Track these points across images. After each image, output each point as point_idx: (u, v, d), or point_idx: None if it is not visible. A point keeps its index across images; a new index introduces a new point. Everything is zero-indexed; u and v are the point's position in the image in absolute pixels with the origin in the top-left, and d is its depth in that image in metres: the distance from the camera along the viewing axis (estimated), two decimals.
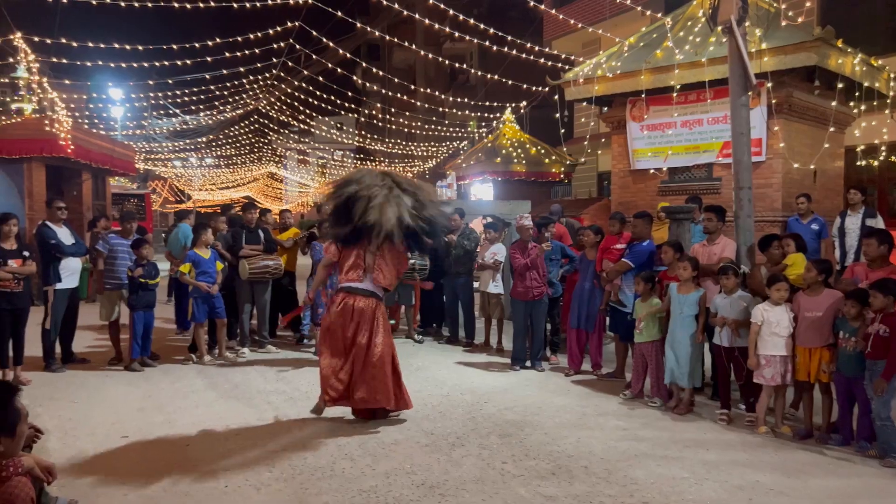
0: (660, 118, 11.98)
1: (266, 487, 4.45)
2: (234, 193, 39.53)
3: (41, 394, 6.71)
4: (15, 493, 3.10)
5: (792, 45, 9.99)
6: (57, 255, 7.64)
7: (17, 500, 3.09)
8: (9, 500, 3.05)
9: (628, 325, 6.87)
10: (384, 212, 5.66)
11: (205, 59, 13.96)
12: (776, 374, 5.51)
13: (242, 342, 8.69)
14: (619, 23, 18.75)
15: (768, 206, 10.68)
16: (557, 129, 12.83)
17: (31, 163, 14.59)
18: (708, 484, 4.52)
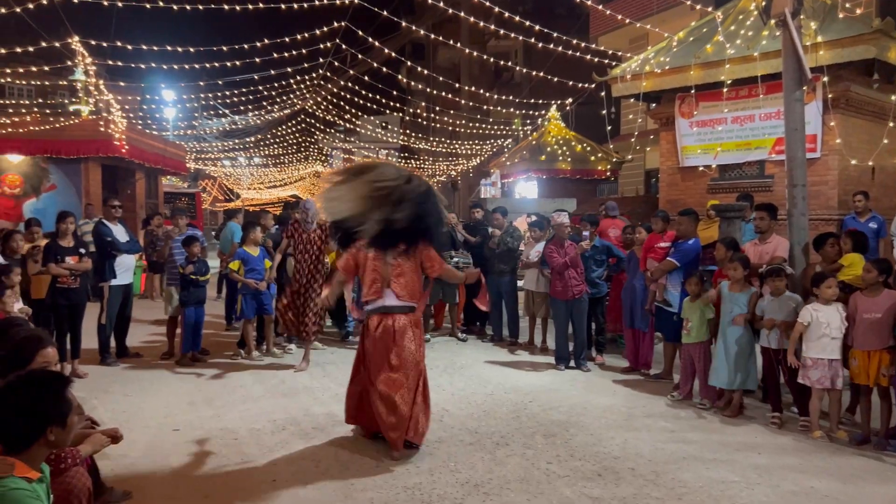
0: (710, 114, 11.74)
1: (313, 482, 4.51)
2: (282, 192, 40.10)
3: (97, 387, 6.92)
4: (73, 484, 3.20)
5: (849, 38, 9.68)
6: (112, 252, 7.87)
7: (75, 490, 3.19)
8: (67, 489, 3.15)
9: (675, 325, 6.74)
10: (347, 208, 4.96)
11: (253, 60, 14.17)
12: (824, 377, 5.34)
13: (289, 338, 8.81)
14: (667, 18, 18.44)
15: (823, 204, 10.37)
16: (604, 126, 12.67)
17: (88, 163, 15.09)
18: (759, 489, 4.41)
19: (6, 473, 2.54)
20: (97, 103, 16.04)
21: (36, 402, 2.63)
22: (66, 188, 15.12)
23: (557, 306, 7.76)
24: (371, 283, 5.19)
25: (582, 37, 16.87)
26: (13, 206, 14.89)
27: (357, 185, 4.96)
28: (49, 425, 2.63)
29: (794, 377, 5.69)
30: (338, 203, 5.01)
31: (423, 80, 23.51)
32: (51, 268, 7.16)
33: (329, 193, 5.11)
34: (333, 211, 5.12)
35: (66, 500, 3.12)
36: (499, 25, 14.57)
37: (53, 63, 15.31)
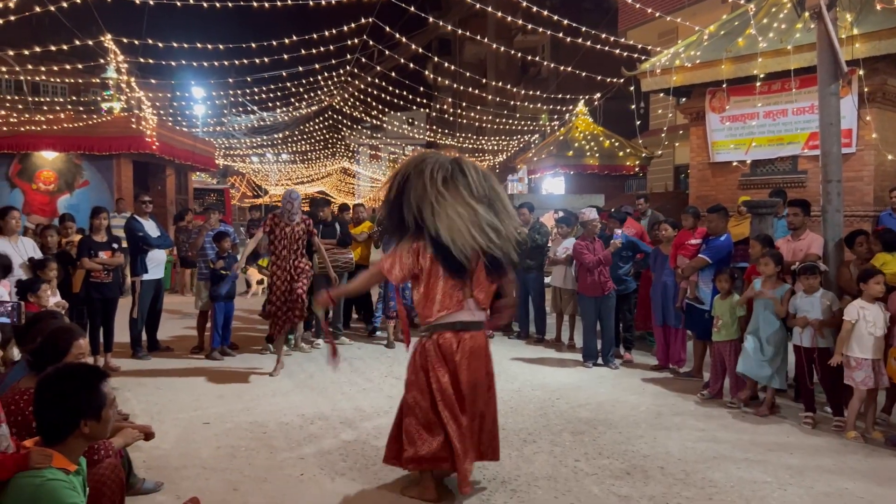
0: (741, 109, 11.56)
1: (340, 476, 4.53)
2: (309, 188, 40.38)
3: (129, 380, 7.03)
4: (106, 475, 3.25)
5: (887, 30, 9.45)
6: (144, 247, 7.98)
7: (108, 481, 3.24)
8: (100, 480, 3.20)
9: (706, 323, 6.66)
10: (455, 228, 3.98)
11: (281, 56, 14.28)
12: (868, 377, 5.22)
13: (317, 333, 8.87)
14: (697, 11, 18.19)
15: (858, 200, 10.16)
16: (632, 121, 12.53)
17: (120, 159, 15.34)
18: (792, 489, 4.33)
19: (45, 465, 2.59)
20: (129, 100, 16.28)
21: (70, 395, 2.68)
22: (99, 184, 15.39)
23: (586, 303, 7.70)
24: (447, 291, 4.08)
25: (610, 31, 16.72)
26: (48, 201, 15.21)
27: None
28: (83, 418, 2.67)
29: (827, 376, 5.58)
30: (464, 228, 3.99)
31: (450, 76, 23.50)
32: (84, 262, 7.28)
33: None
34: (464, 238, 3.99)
35: (99, 491, 3.17)
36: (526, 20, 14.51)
37: (86, 61, 15.55)
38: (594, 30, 12.56)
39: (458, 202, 3.97)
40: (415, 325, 9.91)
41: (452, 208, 3.95)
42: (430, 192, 3.97)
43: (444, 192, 3.97)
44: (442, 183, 3.99)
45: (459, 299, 4.09)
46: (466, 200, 3.99)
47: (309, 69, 16.73)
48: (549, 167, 19.42)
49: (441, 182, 3.99)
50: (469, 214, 3.96)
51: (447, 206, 3.95)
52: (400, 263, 4.11)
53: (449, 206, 3.95)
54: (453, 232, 3.93)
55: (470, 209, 3.97)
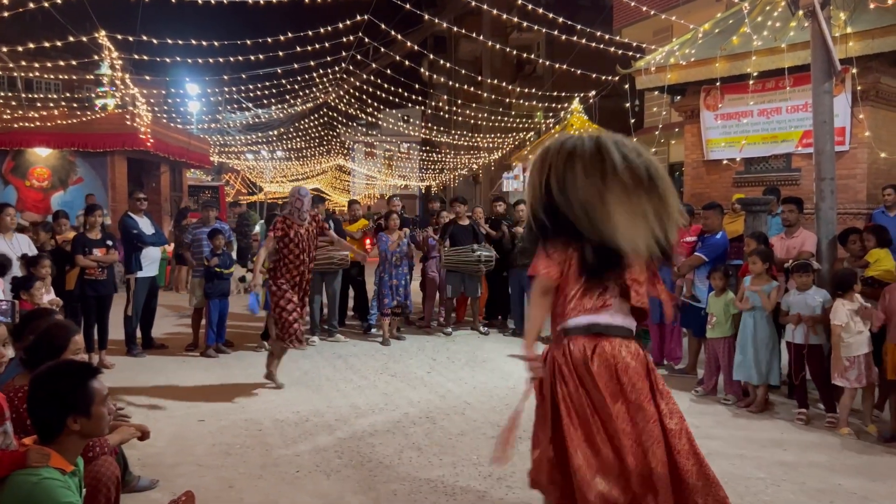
0: (735, 107, 11.59)
1: (336, 474, 4.54)
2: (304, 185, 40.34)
3: (124, 377, 7.01)
4: (101, 472, 3.25)
5: (880, 29, 9.49)
6: (138, 244, 7.96)
7: (104, 478, 3.24)
8: (95, 477, 3.20)
9: (702, 320, 6.68)
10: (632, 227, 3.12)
11: (276, 53, 14.22)
12: (861, 375, 5.27)
13: (312, 330, 8.87)
14: (692, 9, 18.17)
15: (851, 198, 10.20)
16: (627, 118, 12.55)
17: (114, 156, 15.30)
18: (786, 486, 4.36)
19: (41, 463, 2.58)
20: (123, 97, 16.22)
21: (58, 392, 2.67)
22: (93, 181, 15.34)
23: None
24: (590, 289, 3.22)
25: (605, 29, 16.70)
26: (41, 198, 15.15)
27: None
28: (72, 415, 2.66)
29: (819, 373, 5.62)
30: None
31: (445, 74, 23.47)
32: (79, 259, 7.27)
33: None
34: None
35: (95, 489, 3.17)
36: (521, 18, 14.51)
37: (80, 57, 15.48)
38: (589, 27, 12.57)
39: (622, 201, 3.12)
40: (409, 321, 9.98)
41: (618, 210, 3.11)
42: (589, 188, 3.13)
43: (603, 189, 3.12)
44: (597, 178, 3.13)
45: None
46: (631, 195, 3.13)
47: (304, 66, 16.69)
48: None
49: (597, 178, 3.13)
50: (639, 214, 3.13)
51: (609, 210, 3.11)
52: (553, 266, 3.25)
53: (612, 208, 3.11)
54: (637, 238, 3.11)
55: (638, 207, 3.13)
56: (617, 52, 12.82)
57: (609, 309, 3.20)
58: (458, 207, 9.52)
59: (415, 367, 7.53)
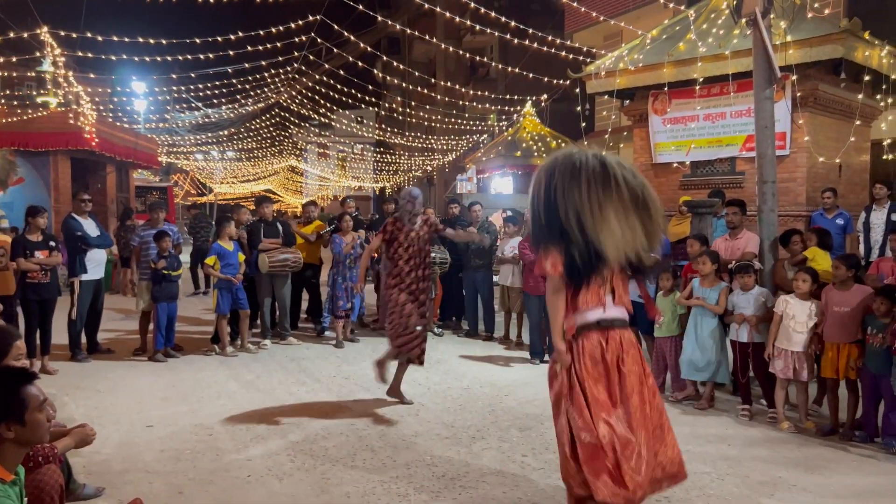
0: (682, 111, 11.88)
1: (288, 477, 4.50)
2: (255, 186, 39.78)
3: (67, 383, 6.82)
4: (44, 481, 3.16)
5: (818, 38, 9.85)
6: (83, 246, 7.76)
7: (47, 486, 3.15)
8: (38, 486, 3.12)
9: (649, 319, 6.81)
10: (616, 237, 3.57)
11: (227, 52, 14.00)
12: (787, 367, 5.50)
13: (264, 334, 8.77)
14: (641, 15, 18.58)
15: (792, 201, 10.56)
16: (578, 122, 12.74)
17: (57, 156, 14.84)
18: (730, 479, 4.50)
19: None
20: (66, 95, 15.76)
21: None
22: (35, 181, 14.84)
23: (531, 301, 7.82)
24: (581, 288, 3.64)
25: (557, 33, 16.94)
26: None
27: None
28: (3, 422, 2.59)
29: (762, 370, 5.82)
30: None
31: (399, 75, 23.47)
32: (20, 262, 7.04)
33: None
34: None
35: (38, 498, 3.08)
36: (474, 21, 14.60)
37: (21, 53, 15.00)
38: (541, 32, 12.73)
39: (618, 213, 3.57)
40: (364, 324, 9.95)
41: (613, 221, 3.55)
42: (587, 201, 3.54)
43: (603, 201, 3.54)
44: (599, 191, 3.55)
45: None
46: (626, 210, 3.58)
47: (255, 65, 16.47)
48: (498, 167, 19.58)
49: (599, 191, 3.55)
50: (629, 227, 3.58)
51: (607, 220, 3.54)
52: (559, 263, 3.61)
53: (608, 218, 3.55)
54: (618, 247, 3.56)
55: (629, 221, 3.58)
56: (568, 57, 13.02)
57: (604, 306, 3.63)
58: None
59: (369, 370, 7.47)
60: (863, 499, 4.24)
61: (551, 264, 3.64)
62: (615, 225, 3.55)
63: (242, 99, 20.93)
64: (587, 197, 3.54)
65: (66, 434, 3.50)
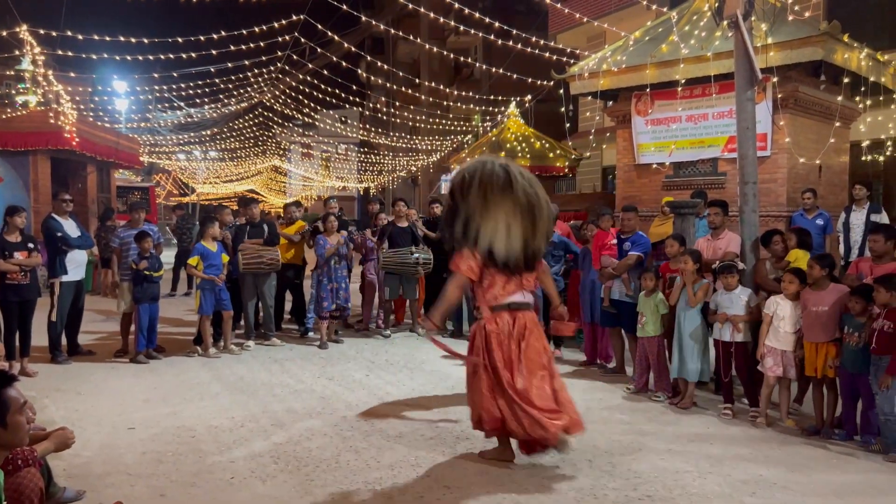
0: (665, 112, 11.96)
1: (271, 479, 4.48)
2: (238, 187, 39.53)
3: (48, 385, 6.75)
4: (23, 484, 3.12)
5: (798, 40, 9.96)
6: (63, 247, 7.67)
7: (26, 490, 3.12)
8: (17, 490, 3.08)
9: (635, 318, 6.84)
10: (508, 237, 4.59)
11: (210, 52, 13.91)
12: (776, 365, 5.58)
13: (247, 335, 8.72)
14: (624, 17, 18.69)
15: (773, 201, 10.66)
16: (562, 123, 12.78)
17: (37, 155, 14.64)
18: (711, 478, 4.53)
19: None
20: (46, 94, 15.57)
21: None
22: (14, 181, 14.61)
23: None
24: (499, 279, 4.65)
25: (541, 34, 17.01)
26: None
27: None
28: None
29: (744, 369, 5.88)
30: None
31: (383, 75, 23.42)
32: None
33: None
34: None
35: (17, 501, 3.05)
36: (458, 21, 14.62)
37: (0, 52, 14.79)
38: (525, 33, 12.78)
39: (503, 214, 4.55)
40: (348, 325, 9.92)
41: (497, 221, 4.54)
42: (478, 204, 4.55)
43: (490, 204, 4.55)
44: (492, 193, 4.54)
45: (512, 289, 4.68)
46: (512, 213, 4.56)
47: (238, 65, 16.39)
48: None
49: (490, 192, 4.53)
50: (510, 227, 4.55)
51: (491, 219, 4.54)
52: (471, 263, 4.65)
53: (492, 218, 4.55)
54: (496, 242, 4.54)
55: (510, 222, 4.56)
56: (552, 58, 13.08)
57: (517, 292, 4.67)
58: (400, 207, 9.52)
59: (353, 370, 7.49)
60: (842, 496, 4.29)
61: (467, 267, 4.63)
62: (503, 225, 4.52)
63: (225, 98, 20.80)
64: (483, 201, 4.50)
65: (45, 437, 3.46)
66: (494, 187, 4.54)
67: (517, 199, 4.55)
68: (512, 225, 4.55)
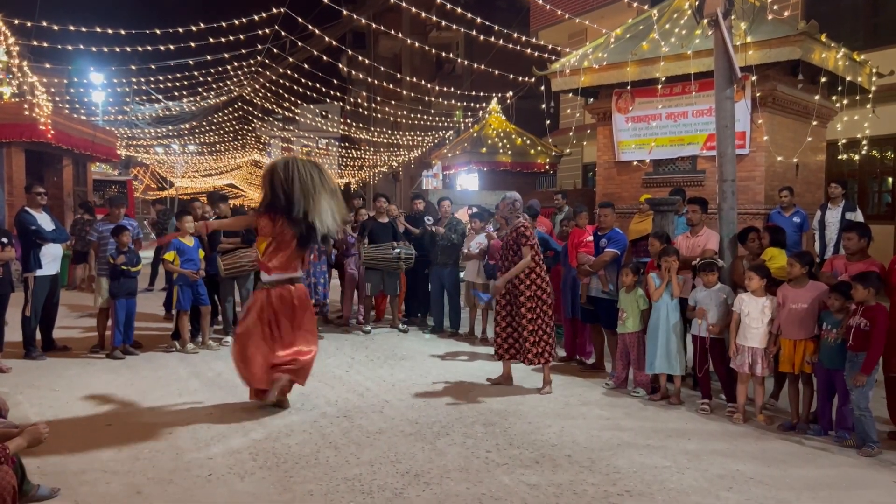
0: (645, 110, 12.02)
1: (250, 476, 4.45)
2: (217, 181, 39.17)
3: (22, 381, 6.64)
4: None
5: (777, 39, 10.05)
6: (37, 241, 7.55)
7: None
8: None
9: (614, 314, 6.87)
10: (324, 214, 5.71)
11: (188, 44, 13.77)
12: (744, 362, 5.64)
13: (226, 330, 8.65)
14: (605, 14, 18.76)
15: (751, 199, 10.77)
16: (543, 119, 12.82)
17: (11, 148, 14.40)
18: (689, 473, 4.57)
19: None
20: (20, 85, 15.30)
21: None
22: None
23: None
24: (292, 255, 5.85)
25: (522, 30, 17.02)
26: None
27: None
28: None
29: (721, 365, 5.94)
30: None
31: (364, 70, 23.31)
32: None
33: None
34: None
35: None
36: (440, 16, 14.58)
37: None
38: (507, 29, 12.78)
39: (326, 196, 5.69)
40: (328, 320, 9.87)
41: (325, 201, 5.67)
42: (309, 186, 5.60)
43: (319, 187, 5.65)
44: (317, 179, 5.66)
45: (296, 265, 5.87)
46: (331, 195, 5.75)
47: (218, 58, 16.23)
48: (464, 163, 19.61)
49: (316, 178, 5.66)
50: (333, 206, 5.74)
51: (321, 199, 5.65)
52: (273, 226, 5.72)
53: (323, 199, 5.66)
54: (325, 218, 5.66)
55: (332, 202, 5.73)
56: (534, 54, 13.10)
57: (295, 269, 5.86)
58: (381, 203, 9.49)
59: (333, 366, 7.46)
60: (816, 490, 4.35)
61: (267, 226, 5.73)
62: (325, 208, 5.65)
63: (204, 92, 20.60)
64: (311, 187, 5.59)
65: (18, 434, 3.41)
66: (316, 175, 5.69)
67: (326, 187, 5.73)
68: (334, 209, 5.75)
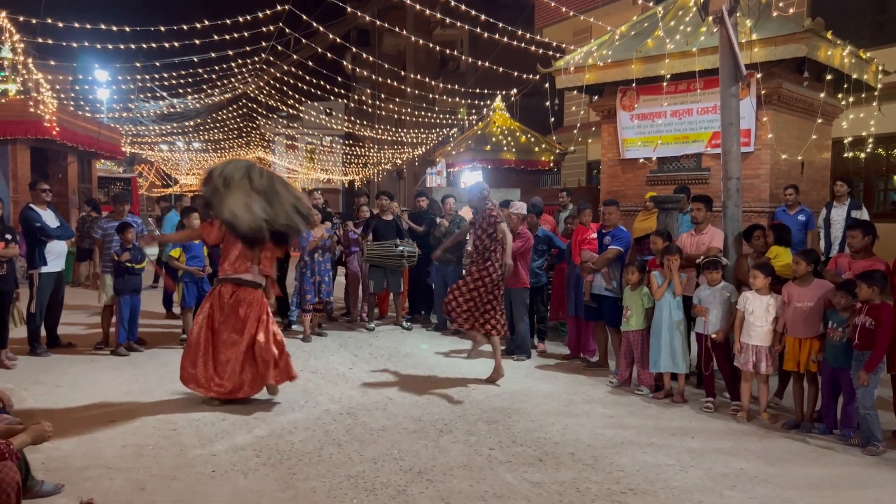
0: (650, 107, 11.99)
1: (253, 472, 4.45)
2: None
3: (26, 378, 6.67)
4: (0, 478, 3.09)
5: (782, 37, 10.00)
6: (42, 238, 7.57)
7: (3, 484, 3.09)
8: None
9: (618, 312, 6.87)
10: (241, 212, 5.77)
11: (193, 41, 13.77)
12: (748, 361, 5.62)
13: None
14: (610, 11, 18.70)
15: (756, 197, 10.73)
16: (547, 117, 12.79)
17: (16, 144, 14.44)
18: (692, 471, 4.57)
19: None
20: (26, 82, 15.33)
21: None
22: None
23: (511, 295, 7.77)
24: (241, 256, 5.99)
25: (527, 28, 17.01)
26: None
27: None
28: None
29: (725, 363, 5.93)
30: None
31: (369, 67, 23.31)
32: None
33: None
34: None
35: None
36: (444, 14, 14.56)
37: None
38: (511, 26, 12.76)
39: (240, 195, 5.76)
40: (332, 318, 9.89)
41: (234, 199, 5.74)
42: (220, 185, 5.79)
43: (228, 187, 5.78)
44: (227, 182, 5.79)
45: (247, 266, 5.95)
46: (248, 193, 5.79)
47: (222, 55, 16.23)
48: (467, 161, 19.59)
49: (226, 181, 5.79)
50: (247, 203, 5.75)
51: (231, 197, 5.74)
52: (216, 231, 5.99)
53: (232, 196, 5.74)
54: (235, 214, 5.70)
55: (247, 199, 5.76)
56: (538, 52, 13.06)
57: (249, 271, 5.95)
58: (383, 200, 9.48)
59: (336, 364, 7.47)
60: (820, 489, 4.33)
61: (211, 231, 6.02)
62: (236, 202, 5.70)
63: (209, 89, 20.62)
64: (220, 185, 5.75)
65: (22, 430, 3.42)
66: (232, 178, 5.81)
67: (252, 188, 5.83)
68: (246, 205, 5.74)
